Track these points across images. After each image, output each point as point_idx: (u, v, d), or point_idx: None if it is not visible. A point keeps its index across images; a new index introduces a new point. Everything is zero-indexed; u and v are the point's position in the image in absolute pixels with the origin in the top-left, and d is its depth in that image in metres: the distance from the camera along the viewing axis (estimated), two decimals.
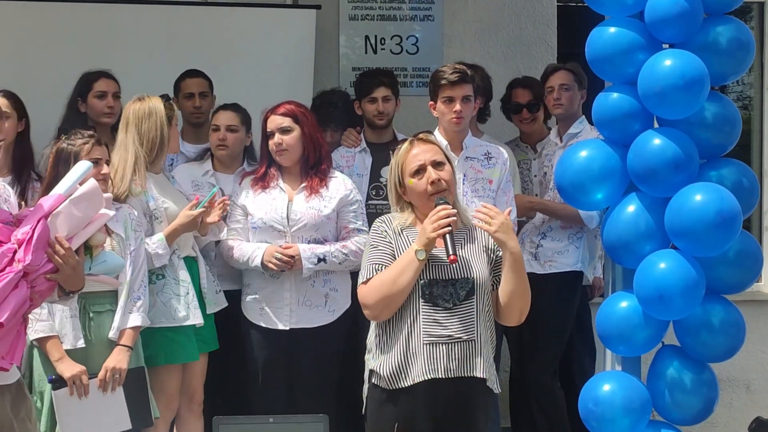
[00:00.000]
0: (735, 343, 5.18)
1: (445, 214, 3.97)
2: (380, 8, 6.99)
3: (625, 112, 5.13)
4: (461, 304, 4.10)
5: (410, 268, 4.00)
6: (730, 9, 5.26)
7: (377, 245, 4.18)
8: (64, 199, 3.83)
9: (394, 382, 4.10)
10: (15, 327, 3.78)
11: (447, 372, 4.07)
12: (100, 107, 5.63)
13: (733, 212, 4.90)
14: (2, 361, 3.75)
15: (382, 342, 4.17)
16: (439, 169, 4.12)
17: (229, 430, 4.09)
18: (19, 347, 3.85)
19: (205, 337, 5.15)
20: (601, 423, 5.16)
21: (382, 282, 4.08)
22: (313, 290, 5.20)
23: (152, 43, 6.34)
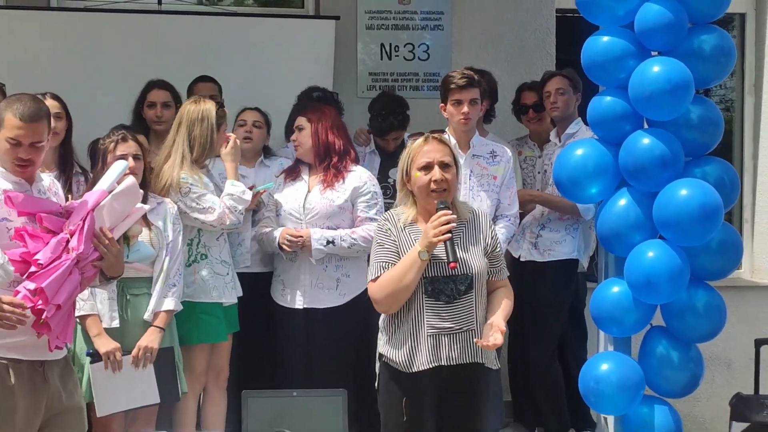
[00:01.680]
0: (717, 326, 5.22)
1: (445, 219, 3.99)
2: (394, 18, 7.01)
3: (617, 114, 5.17)
4: (461, 297, 4.14)
5: (414, 267, 4.03)
6: (713, 19, 5.29)
7: (383, 243, 4.20)
8: (106, 194, 3.90)
9: (402, 367, 4.15)
10: (68, 310, 3.84)
11: (449, 360, 4.12)
12: (150, 116, 5.71)
13: (716, 206, 4.94)
14: (57, 340, 3.81)
15: (390, 332, 4.21)
16: (445, 170, 4.13)
17: (256, 403, 4.05)
18: (70, 327, 3.92)
19: (230, 319, 5.18)
20: (601, 399, 5.22)
21: (389, 280, 4.10)
22: (325, 274, 5.23)
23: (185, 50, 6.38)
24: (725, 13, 5.43)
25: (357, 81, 6.96)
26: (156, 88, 5.77)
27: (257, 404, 4.08)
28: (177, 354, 4.92)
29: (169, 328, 4.86)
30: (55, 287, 3.70)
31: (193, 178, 5.01)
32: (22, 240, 3.77)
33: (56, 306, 3.69)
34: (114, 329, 4.71)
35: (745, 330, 6.21)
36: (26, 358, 3.91)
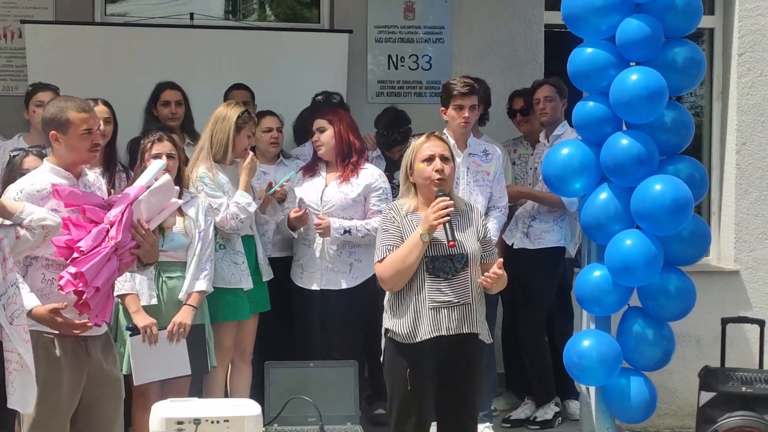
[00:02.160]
0: (687, 306, 5.27)
1: (444, 205, 4.05)
2: (400, 33, 6.97)
3: (599, 118, 5.18)
4: (458, 274, 4.17)
5: (416, 248, 4.08)
6: (686, 33, 5.31)
7: (388, 229, 4.23)
8: (144, 189, 3.92)
9: (406, 339, 4.16)
10: (107, 292, 3.87)
11: (448, 330, 4.13)
12: (165, 113, 5.70)
13: (687, 199, 4.98)
14: (96, 318, 3.84)
15: (395, 307, 4.22)
16: (445, 162, 4.19)
17: (277, 373, 4.09)
18: (108, 308, 3.95)
19: (259, 300, 5.18)
20: (583, 372, 5.24)
21: (394, 260, 4.14)
22: (339, 259, 5.24)
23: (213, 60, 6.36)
24: (696, 28, 5.47)
25: (367, 88, 6.92)
26: (168, 88, 5.77)
27: (278, 374, 4.11)
28: (207, 330, 4.93)
29: (201, 307, 4.86)
30: (94, 272, 3.72)
31: (209, 176, 5.00)
32: (67, 228, 3.78)
33: (95, 288, 3.71)
34: (152, 306, 4.73)
35: (713, 310, 6.19)
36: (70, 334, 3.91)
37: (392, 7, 6.93)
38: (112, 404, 4.14)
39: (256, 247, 5.21)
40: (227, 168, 5.09)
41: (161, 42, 6.41)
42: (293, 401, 3.91)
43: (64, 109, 3.94)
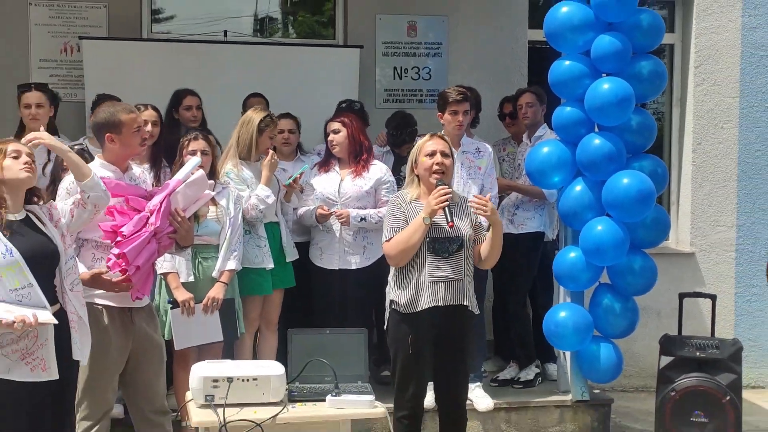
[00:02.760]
0: (650, 283, 5.29)
1: (444, 192, 4.07)
2: (404, 48, 6.93)
3: (575, 121, 5.18)
4: (454, 254, 4.19)
5: (419, 229, 4.10)
6: (650, 49, 5.31)
7: (395, 214, 4.24)
8: (181, 182, 3.94)
9: (408, 308, 4.17)
10: (147, 270, 3.90)
11: (444, 301, 4.15)
12: (187, 116, 5.63)
13: (650, 191, 5.00)
14: (137, 293, 3.90)
15: (399, 280, 4.24)
16: (445, 158, 4.22)
17: (298, 339, 4.06)
18: (148, 283, 3.98)
19: (284, 278, 5.18)
20: (560, 339, 5.28)
21: (399, 240, 4.15)
22: (354, 243, 5.23)
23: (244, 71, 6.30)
24: (659, 44, 5.46)
25: (375, 96, 6.88)
26: (189, 94, 5.70)
27: (299, 339, 4.10)
28: (237, 303, 4.92)
29: (232, 283, 4.85)
30: (135, 253, 3.74)
31: (234, 171, 5.00)
32: (113, 215, 3.81)
33: (136, 267, 3.75)
34: (189, 283, 4.73)
35: (671, 287, 6.15)
36: (116, 305, 3.97)
37: (397, 26, 6.89)
38: (155, 365, 4.15)
39: (281, 232, 5.18)
40: (252, 164, 5.07)
41: (199, 55, 6.37)
42: (312, 363, 3.90)
43: (114, 113, 3.97)
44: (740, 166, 7.12)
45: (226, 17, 6.95)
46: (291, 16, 7.25)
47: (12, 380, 3.32)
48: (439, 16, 6.90)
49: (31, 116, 5.16)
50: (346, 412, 3.71)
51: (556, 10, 5.14)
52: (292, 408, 3.67)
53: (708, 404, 5.01)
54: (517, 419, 5.44)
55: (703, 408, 5.02)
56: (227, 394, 3.59)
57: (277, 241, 5.15)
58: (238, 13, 7.03)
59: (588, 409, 5.50)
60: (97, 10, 6.46)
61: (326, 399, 3.74)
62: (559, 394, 5.56)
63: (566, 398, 5.50)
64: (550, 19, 5.17)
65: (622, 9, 5.01)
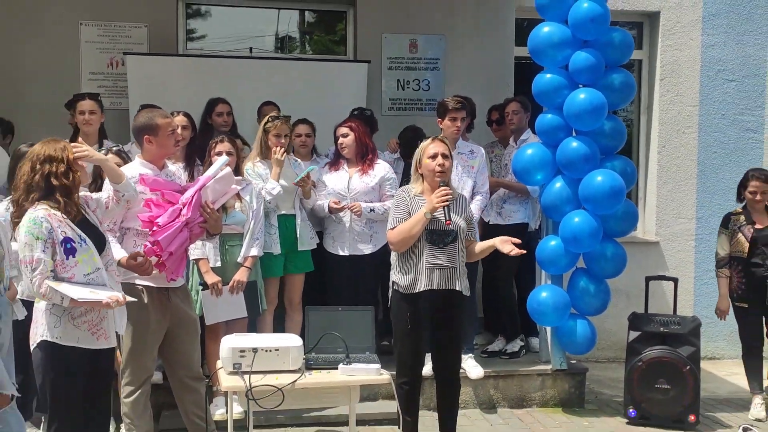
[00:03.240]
0: (620, 268, 5.30)
1: (445, 192, 4.07)
2: (406, 63, 6.90)
3: (555, 126, 5.19)
4: (449, 245, 4.18)
5: (420, 222, 4.10)
6: (621, 63, 5.30)
7: (399, 206, 4.23)
8: (210, 179, 3.96)
9: (408, 290, 4.17)
10: (180, 255, 3.92)
11: (439, 285, 4.15)
12: (218, 121, 5.60)
13: (621, 187, 5.01)
14: (172, 274, 3.92)
15: (401, 265, 4.23)
16: (445, 159, 4.20)
17: (315, 315, 4.06)
18: (181, 267, 4.01)
19: (302, 263, 5.16)
20: (542, 316, 5.29)
21: (402, 230, 4.15)
22: (363, 232, 5.22)
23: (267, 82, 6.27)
24: (629, 59, 5.52)
25: (381, 104, 6.85)
26: (221, 102, 5.68)
27: (315, 316, 4.10)
28: (259, 285, 4.92)
29: (255, 267, 4.84)
30: (168, 241, 3.77)
31: (250, 167, 5.00)
32: (149, 207, 3.83)
33: (169, 253, 3.78)
34: (217, 268, 4.72)
35: (639, 271, 6.18)
36: (155, 285, 4.01)
37: (400, 44, 6.87)
38: (190, 337, 4.19)
39: (296, 224, 5.12)
40: (268, 161, 5.05)
41: (228, 69, 6.36)
42: (326, 336, 3.90)
43: (152, 117, 3.99)
44: (699, 166, 7.13)
45: (251, 36, 6.96)
46: (308, 35, 7.24)
47: (79, 347, 3.39)
48: (437, 35, 6.88)
49: (85, 121, 5.18)
50: (355, 378, 3.72)
51: (539, 29, 5.15)
52: (309, 375, 3.68)
53: (670, 373, 5.02)
54: (504, 386, 5.44)
55: (666, 376, 5.03)
56: (252, 362, 3.60)
57: (292, 232, 5.10)
58: (262, 32, 7.02)
59: (566, 377, 5.50)
60: (140, 30, 6.47)
61: (338, 367, 3.75)
62: (541, 364, 5.55)
63: (547, 368, 5.50)
64: (533, 37, 5.18)
65: (596, 28, 5.01)
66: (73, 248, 3.32)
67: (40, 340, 3.37)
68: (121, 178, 3.64)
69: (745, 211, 5.32)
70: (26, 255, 3.25)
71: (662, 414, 5.05)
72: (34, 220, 3.26)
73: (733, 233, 5.30)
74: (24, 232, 3.25)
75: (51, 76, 6.25)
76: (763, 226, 5.20)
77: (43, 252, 3.24)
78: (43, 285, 3.24)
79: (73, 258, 3.31)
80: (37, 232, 3.24)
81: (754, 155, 7.16)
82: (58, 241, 3.28)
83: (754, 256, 5.17)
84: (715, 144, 7.13)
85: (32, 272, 3.24)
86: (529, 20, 6.72)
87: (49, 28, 6.30)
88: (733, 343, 6.95)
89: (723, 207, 6.99)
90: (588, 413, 5.37)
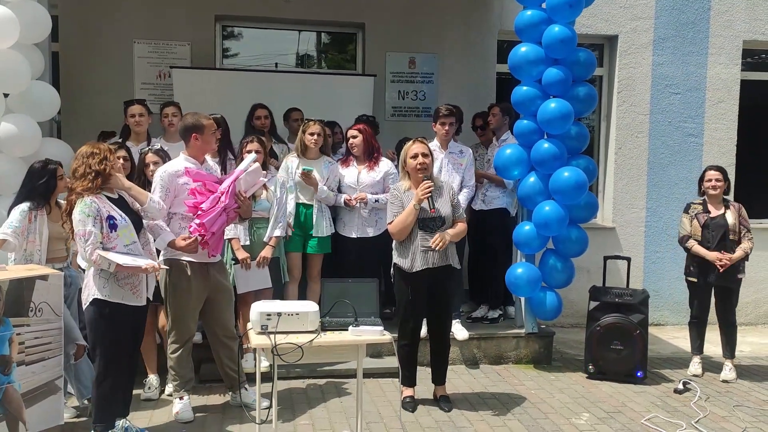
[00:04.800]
0: (583, 249, 5.27)
1: (427, 186, 4.09)
2: (406, 77, 6.85)
3: (530, 130, 5.14)
4: (438, 229, 4.16)
5: (412, 213, 4.11)
6: (586, 78, 5.26)
7: (394, 202, 4.23)
8: (242, 172, 3.94)
9: (408, 270, 4.18)
10: (219, 235, 3.93)
11: (433, 264, 4.17)
12: (258, 124, 5.54)
13: (584, 182, 4.98)
14: (212, 251, 3.93)
15: (400, 250, 4.24)
16: (425, 158, 4.19)
17: (329, 286, 4.00)
18: (220, 245, 4.02)
19: (321, 246, 5.08)
20: (517, 288, 5.25)
21: (398, 222, 4.16)
22: (368, 218, 5.16)
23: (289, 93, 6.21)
24: (592, 75, 5.40)
25: (385, 112, 6.81)
26: (260, 107, 5.62)
27: (330, 286, 4.05)
28: (282, 261, 4.90)
29: (278, 246, 4.82)
30: (211, 223, 3.78)
31: (286, 164, 4.96)
32: (194, 195, 3.84)
33: (211, 233, 3.79)
34: (247, 246, 4.70)
35: (598, 251, 6.14)
36: (197, 261, 4.02)
37: (401, 61, 6.82)
38: (226, 303, 4.19)
39: (313, 213, 5.06)
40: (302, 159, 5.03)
41: (257, 81, 6.32)
42: (338, 303, 3.88)
43: (199, 118, 3.98)
44: (649, 165, 7.08)
45: (277, 54, 6.91)
46: (324, 53, 7.19)
47: (123, 303, 3.50)
48: (431, 54, 6.83)
49: (136, 123, 5.13)
50: (362, 338, 3.70)
51: (517, 49, 5.11)
52: (324, 335, 3.65)
53: (623, 336, 5.01)
54: (486, 346, 5.43)
55: (620, 339, 5.01)
56: (277, 324, 3.58)
57: (310, 220, 5.05)
58: (286, 51, 6.97)
59: (537, 339, 5.48)
60: (183, 47, 6.42)
61: (348, 329, 3.72)
62: (516, 329, 5.53)
63: (521, 331, 5.48)
64: (512, 56, 5.13)
65: (565, 49, 4.96)
66: (115, 224, 3.44)
67: (92, 298, 3.47)
68: (144, 202, 3.68)
69: (703, 202, 5.26)
70: (80, 229, 3.38)
71: (616, 370, 5.04)
72: (84, 202, 3.40)
73: (691, 219, 5.23)
74: (78, 211, 3.39)
75: (110, 86, 6.21)
76: (715, 215, 5.15)
77: (93, 226, 3.35)
78: (95, 254, 3.35)
79: (115, 232, 3.43)
80: (88, 211, 3.38)
81: (695, 156, 7.11)
82: (104, 217, 3.40)
83: (704, 240, 5.12)
84: (662, 146, 7.08)
85: (85, 242, 3.36)
86: (508, 42, 6.66)
87: (109, 45, 6.26)
88: (675, 312, 6.98)
89: (669, 199, 7.00)
90: (555, 369, 5.36)
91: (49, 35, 4.88)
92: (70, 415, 4.04)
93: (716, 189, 5.14)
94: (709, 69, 7.07)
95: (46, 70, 4.92)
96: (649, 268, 7.07)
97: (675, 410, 4.48)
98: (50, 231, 3.95)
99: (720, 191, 5.17)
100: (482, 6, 6.79)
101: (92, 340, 3.54)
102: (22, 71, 4.46)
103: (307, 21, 6.72)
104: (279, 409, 4.13)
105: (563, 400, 4.65)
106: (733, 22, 7.10)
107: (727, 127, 7.17)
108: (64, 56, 6.16)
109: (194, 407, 4.17)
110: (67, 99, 5.78)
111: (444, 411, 4.31)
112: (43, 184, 3.96)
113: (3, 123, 4.45)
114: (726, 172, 5.23)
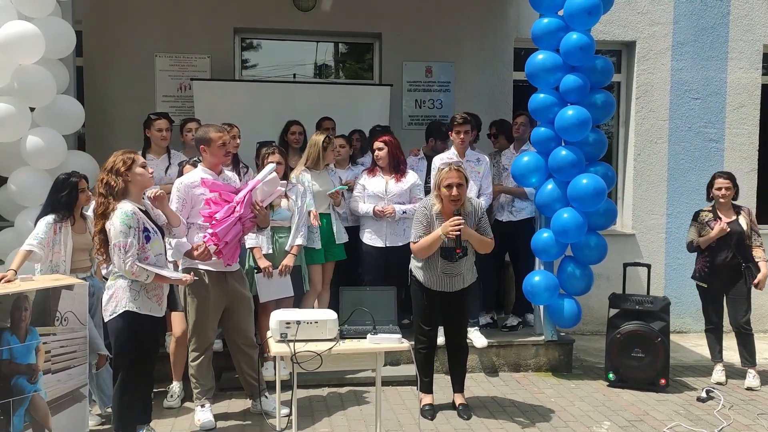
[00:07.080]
0: (602, 256, 5.24)
1: (456, 223, 4.01)
2: (423, 86, 6.87)
3: (547, 137, 5.14)
4: (459, 260, 4.17)
5: (437, 241, 4.09)
6: (604, 85, 5.25)
7: (421, 221, 4.19)
8: (260, 182, 3.97)
9: (424, 284, 4.22)
10: (234, 244, 3.94)
11: (450, 288, 4.22)
12: (292, 139, 5.58)
13: (603, 189, 4.96)
14: (228, 260, 3.94)
15: (421, 269, 4.25)
16: (459, 189, 4.08)
17: (348, 294, 4.04)
18: (235, 254, 4.02)
19: (336, 253, 5.13)
20: (535, 296, 5.23)
21: (422, 245, 4.14)
22: (397, 227, 5.16)
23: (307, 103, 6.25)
24: (610, 81, 5.37)
25: (402, 120, 6.83)
26: (295, 124, 5.67)
27: (348, 294, 4.10)
28: (303, 269, 4.91)
29: (300, 255, 4.83)
30: (224, 232, 3.81)
31: (298, 177, 4.94)
32: (209, 205, 3.88)
33: (225, 242, 3.82)
34: (269, 255, 4.71)
35: (618, 258, 6.11)
36: (214, 269, 4.05)
37: (418, 70, 6.84)
38: (245, 311, 4.21)
39: (332, 221, 5.10)
40: (314, 172, 5.03)
41: (276, 91, 6.37)
42: (357, 311, 3.91)
43: (207, 131, 4.01)
44: (669, 171, 7.03)
45: (295, 64, 6.96)
46: (341, 63, 7.24)
47: (150, 315, 3.54)
48: (448, 63, 6.84)
49: (162, 137, 5.17)
50: (381, 346, 3.71)
51: (534, 57, 5.10)
52: (342, 343, 3.68)
53: (644, 344, 4.97)
54: (505, 353, 5.41)
55: (640, 346, 4.98)
56: (296, 332, 3.61)
57: (329, 228, 5.09)
58: (304, 61, 7.02)
59: (556, 346, 5.46)
60: (203, 60, 6.50)
61: (367, 337, 3.75)
62: (535, 336, 5.52)
63: (540, 339, 5.46)
64: (529, 63, 5.13)
65: (583, 56, 4.95)
66: (149, 236, 3.47)
67: (122, 311, 3.47)
68: (177, 225, 3.78)
69: (713, 209, 5.23)
70: (120, 240, 3.37)
71: (637, 378, 5.00)
72: (126, 212, 3.40)
73: (702, 226, 5.20)
74: (119, 222, 3.38)
75: (132, 97, 6.31)
76: (729, 222, 5.11)
77: (134, 238, 3.37)
78: (135, 266, 3.38)
79: (149, 244, 3.46)
80: (129, 222, 3.39)
81: (716, 161, 7.04)
82: (141, 229, 3.43)
83: (720, 245, 5.07)
84: (682, 152, 7.03)
85: (125, 254, 3.38)
86: (525, 49, 6.65)
87: (131, 59, 6.37)
88: (697, 319, 6.85)
89: (689, 205, 6.92)
90: (575, 377, 5.33)
91: (73, 50, 5.00)
92: (95, 423, 4.10)
93: (726, 197, 5.12)
94: (729, 74, 7.02)
95: (71, 84, 5.03)
96: (670, 275, 7.01)
97: (698, 419, 4.43)
98: (74, 242, 4.03)
99: (729, 198, 5.14)
100: (498, 14, 6.81)
101: (117, 349, 3.55)
102: (47, 86, 4.57)
103: (324, 32, 6.78)
104: (299, 417, 4.15)
105: (584, 408, 4.62)
106: (753, 26, 7.04)
107: (748, 132, 7.10)
108: (88, 70, 6.28)
109: (215, 415, 4.20)
110: (91, 112, 5.89)
111: (463, 419, 4.31)
112: (65, 197, 4.05)
113: (29, 136, 4.57)
114: (735, 178, 5.18)
